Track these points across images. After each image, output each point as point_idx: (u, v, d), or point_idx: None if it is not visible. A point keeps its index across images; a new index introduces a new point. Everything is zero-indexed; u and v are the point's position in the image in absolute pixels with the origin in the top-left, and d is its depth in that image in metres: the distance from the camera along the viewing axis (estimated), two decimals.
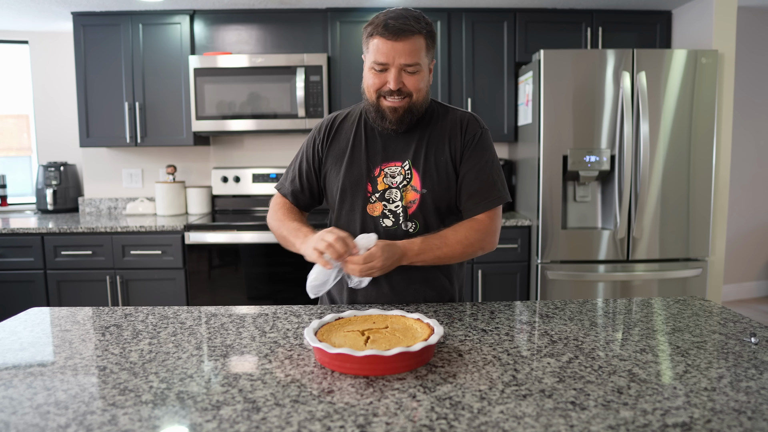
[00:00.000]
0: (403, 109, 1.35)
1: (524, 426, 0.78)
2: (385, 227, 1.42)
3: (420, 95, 1.36)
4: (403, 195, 1.41)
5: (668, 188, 2.96)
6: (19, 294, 3.13)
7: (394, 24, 1.29)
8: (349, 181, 1.43)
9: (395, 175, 1.42)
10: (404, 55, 1.30)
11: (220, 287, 3.17)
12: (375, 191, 1.42)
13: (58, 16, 3.42)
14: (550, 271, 3.01)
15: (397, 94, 1.33)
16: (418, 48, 1.31)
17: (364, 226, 1.43)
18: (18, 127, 4.09)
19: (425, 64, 1.35)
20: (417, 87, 1.34)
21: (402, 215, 1.42)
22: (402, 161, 1.42)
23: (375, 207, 1.42)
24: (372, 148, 1.44)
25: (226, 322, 1.29)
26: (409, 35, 1.29)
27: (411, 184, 1.41)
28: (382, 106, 1.36)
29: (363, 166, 1.43)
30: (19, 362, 1.05)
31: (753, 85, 4.33)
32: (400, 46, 1.29)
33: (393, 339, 1.04)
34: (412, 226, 1.42)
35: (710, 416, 0.80)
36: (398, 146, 1.43)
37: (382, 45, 1.30)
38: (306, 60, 3.24)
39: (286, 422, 0.79)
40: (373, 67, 1.33)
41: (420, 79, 1.34)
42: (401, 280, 1.44)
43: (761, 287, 4.63)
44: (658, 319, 1.30)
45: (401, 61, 1.30)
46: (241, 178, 3.67)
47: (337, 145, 1.47)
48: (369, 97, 1.38)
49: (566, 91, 2.91)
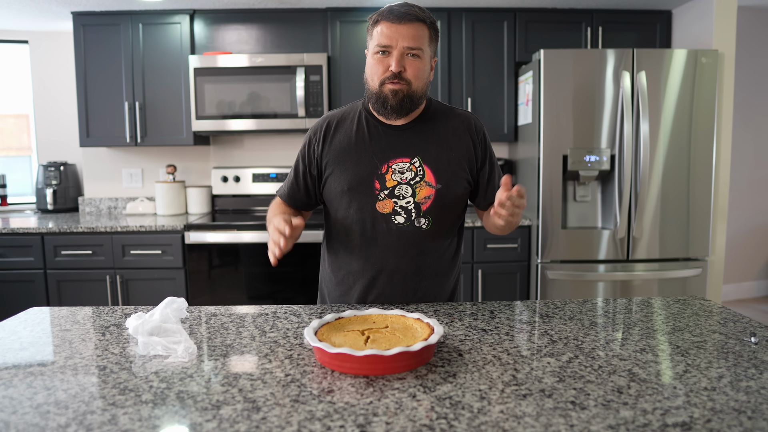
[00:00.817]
0: (403, 93, 1.35)
1: (524, 425, 0.78)
2: (397, 224, 1.42)
3: (419, 83, 1.36)
4: (416, 191, 1.41)
5: (668, 188, 2.96)
6: (19, 294, 3.13)
7: (399, 9, 1.33)
8: (357, 180, 1.42)
9: (404, 171, 1.41)
10: (407, 38, 1.31)
11: (220, 287, 3.17)
12: (384, 188, 1.41)
13: (58, 16, 3.42)
14: (550, 271, 3.01)
15: (397, 78, 1.33)
16: (422, 35, 1.33)
17: (375, 224, 1.42)
18: (18, 127, 4.09)
19: (428, 53, 1.36)
20: (417, 75, 1.34)
21: (414, 211, 1.42)
22: (410, 157, 1.42)
23: (385, 204, 1.41)
24: (377, 145, 1.42)
25: (226, 322, 1.29)
26: (413, 20, 1.32)
27: (425, 179, 1.41)
28: (384, 92, 1.35)
29: (369, 164, 1.41)
30: (19, 362, 1.05)
31: (753, 85, 4.33)
32: (404, 29, 1.31)
33: (393, 339, 1.04)
34: (425, 222, 1.42)
35: (710, 416, 0.80)
36: (404, 142, 1.42)
37: (386, 29, 1.32)
38: (306, 60, 3.24)
39: (286, 422, 0.79)
40: (377, 51, 1.34)
41: (421, 66, 1.35)
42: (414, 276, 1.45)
43: (761, 287, 4.63)
44: (658, 318, 1.30)
45: (404, 44, 1.31)
46: (241, 177, 3.67)
47: (338, 146, 1.45)
48: (371, 85, 1.38)
49: (566, 90, 2.91)
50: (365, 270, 1.45)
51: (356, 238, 1.45)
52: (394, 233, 1.42)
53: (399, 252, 1.43)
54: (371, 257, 1.44)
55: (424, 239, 1.43)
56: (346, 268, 1.48)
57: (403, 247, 1.43)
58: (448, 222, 1.46)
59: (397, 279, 1.44)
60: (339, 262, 1.50)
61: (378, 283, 1.45)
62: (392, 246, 1.43)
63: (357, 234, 1.44)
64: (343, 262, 1.49)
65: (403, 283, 1.45)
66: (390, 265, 1.44)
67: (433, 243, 1.45)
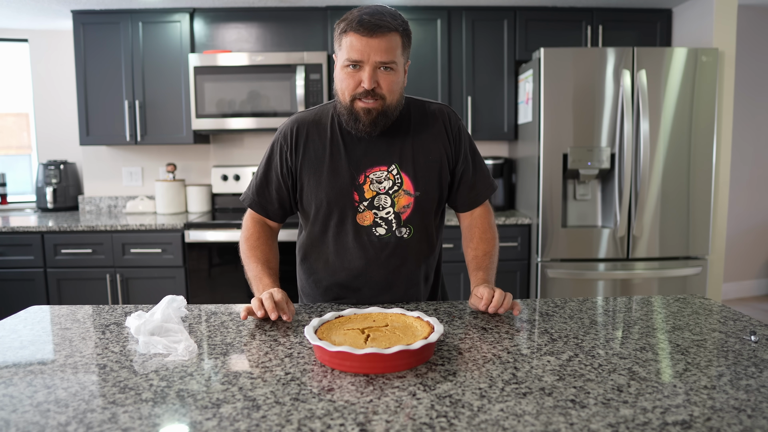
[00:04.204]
0: (376, 111, 1.28)
1: (524, 424, 0.78)
2: (378, 236, 1.38)
3: (394, 97, 1.29)
4: (395, 200, 1.37)
5: (668, 186, 2.96)
6: (19, 292, 3.13)
7: (370, 20, 1.22)
8: (334, 193, 1.36)
9: (382, 181, 1.36)
10: (380, 52, 1.23)
11: (220, 285, 3.17)
12: (363, 200, 1.36)
13: (57, 15, 3.42)
14: (550, 270, 3.01)
15: (371, 96, 1.26)
16: (394, 46, 1.25)
17: (357, 238, 1.39)
18: (18, 126, 4.09)
19: (401, 63, 1.29)
20: (391, 89, 1.27)
21: (395, 222, 1.38)
22: (387, 165, 1.36)
23: (365, 216, 1.37)
24: (353, 155, 1.36)
25: (226, 320, 1.29)
26: (385, 32, 1.23)
27: (403, 188, 1.37)
28: (355, 108, 1.28)
29: (346, 175, 1.35)
30: (19, 360, 1.05)
31: (753, 84, 4.33)
32: (376, 43, 1.22)
33: (393, 337, 1.04)
34: (407, 231, 1.40)
35: (710, 414, 0.80)
36: (381, 149, 1.36)
37: (356, 42, 1.23)
38: (306, 58, 3.24)
39: (286, 420, 0.79)
40: (347, 65, 1.26)
41: (395, 80, 1.28)
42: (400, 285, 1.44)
43: (761, 285, 4.63)
44: (658, 317, 1.30)
45: (376, 59, 1.23)
46: (241, 176, 3.67)
47: (312, 155, 1.37)
48: (342, 99, 1.30)
49: (566, 89, 2.91)
50: (350, 282, 1.43)
51: (337, 251, 1.41)
52: (376, 245, 1.39)
53: (382, 263, 1.40)
54: (354, 270, 1.41)
55: (406, 248, 1.41)
56: (329, 280, 1.45)
57: (386, 258, 1.40)
58: (429, 227, 1.44)
59: (383, 290, 1.43)
60: (321, 274, 1.45)
61: (364, 295, 1.43)
62: (375, 258, 1.39)
63: (338, 246, 1.40)
64: (326, 274, 1.45)
65: (390, 293, 1.44)
66: (375, 277, 1.41)
67: (417, 250, 1.42)
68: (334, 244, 1.41)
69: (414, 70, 3.38)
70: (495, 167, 3.51)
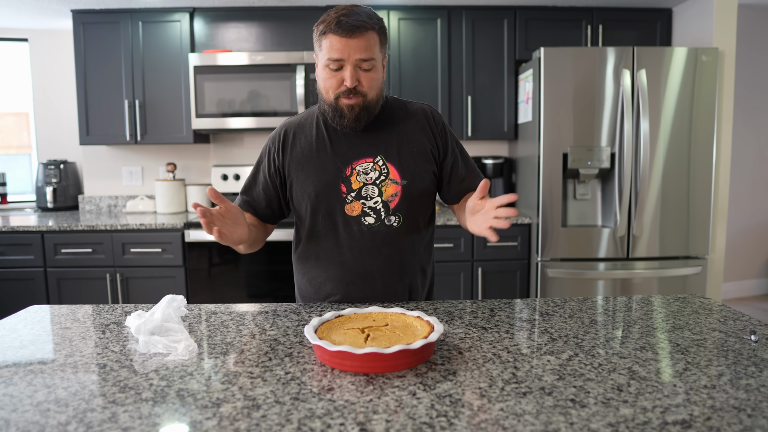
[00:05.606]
0: (359, 107, 1.34)
1: (524, 423, 0.78)
2: (368, 225, 1.42)
3: (374, 93, 1.36)
4: (382, 190, 1.41)
5: (668, 186, 2.96)
6: (19, 292, 3.13)
7: (348, 21, 1.28)
8: (322, 186, 1.41)
9: (368, 171, 1.41)
10: (359, 50, 1.29)
11: (220, 285, 3.17)
12: (350, 191, 1.41)
13: (57, 14, 3.41)
14: (550, 269, 3.01)
15: (353, 93, 1.32)
16: (372, 44, 1.31)
17: (347, 228, 1.42)
18: (18, 125, 4.09)
19: (379, 59, 1.35)
20: (371, 85, 1.34)
21: (383, 210, 1.42)
22: (373, 157, 1.41)
23: (353, 207, 1.41)
24: (339, 149, 1.42)
25: (226, 320, 1.29)
26: (363, 31, 1.29)
27: (390, 177, 1.41)
28: (340, 105, 1.35)
29: (333, 168, 1.41)
30: (19, 360, 1.05)
31: (753, 83, 4.33)
32: (354, 42, 1.29)
33: (393, 337, 1.04)
34: (396, 219, 1.43)
35: (710, 414, 0.80)
36: (366, 143, 1.42)
37: (336, 42, 1.29)
38: (306, 58, 3.24)
39: (286, 420, 0.79)
40: (328, 65, 1.32)
41: (374, 77, 1.34)
42: (392, 275, 1.45)
43: (761, 285, 4.63)
44: (658, 316, 1.30)
45: (357, 57, 1.29)
46: (241, 176, 3.67)
47: (299, 153, 1.44)
48: (327, 98, 1.36)
49: (566, 88, 2.91)
50: (343, 275, 1.45)
51: (329, 244, 1.44)
52: (366, 235, 1.42)
53: (373, 253, 1.43)
54: (346, 261, 1.44)
55: (396, 237, 1.43)
56: (323, 276, 1.47)
57: (377, 248, 1.43)
58: (419, 216, 1.47)
59: (376, 280, 1.44)
60: (315, 270, 1.48)
61: (358, 287, 1.45)
62: (366, 247, 1.42)
63: (329, 239, 1.44)
64: (319, 270, 1.47)
65: (383, 283, 1.45)
66: (367, 267, 1.43)
67: (407, 239, 1.45)
68: (325, 237, 1.44)
69: (414, 70, 3.38)
70: (495, 167, 3.51)
